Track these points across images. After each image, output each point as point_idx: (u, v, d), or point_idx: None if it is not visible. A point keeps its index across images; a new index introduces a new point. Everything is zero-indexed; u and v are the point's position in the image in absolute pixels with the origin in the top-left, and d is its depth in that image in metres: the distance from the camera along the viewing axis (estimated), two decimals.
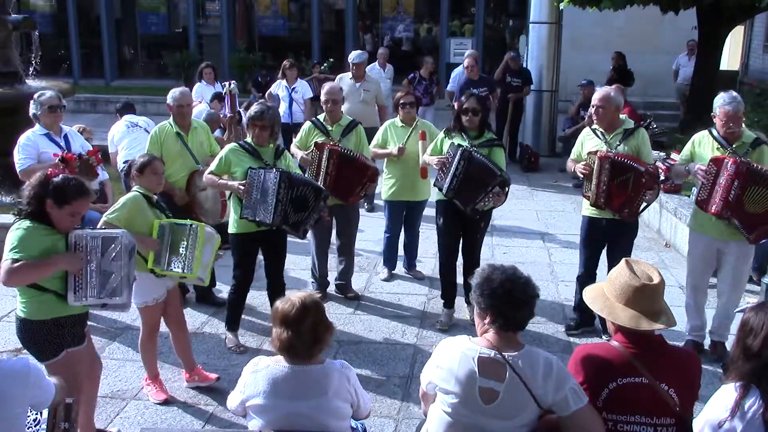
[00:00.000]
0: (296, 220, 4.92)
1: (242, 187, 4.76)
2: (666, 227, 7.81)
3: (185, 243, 4.18)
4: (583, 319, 5.41)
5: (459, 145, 5.18)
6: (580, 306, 5.33)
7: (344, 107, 6.86)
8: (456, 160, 5.09)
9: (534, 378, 2.64)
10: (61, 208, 3.41)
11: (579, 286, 5.34)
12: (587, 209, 5.28)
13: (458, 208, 5.25)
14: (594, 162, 5.01)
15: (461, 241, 5.54)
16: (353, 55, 8.62)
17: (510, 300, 2.69)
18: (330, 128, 5.77)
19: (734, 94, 4.87)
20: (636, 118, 9.89)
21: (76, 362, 3.62)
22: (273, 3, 18.51)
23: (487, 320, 2.74)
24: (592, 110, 5.18)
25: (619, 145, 5.04)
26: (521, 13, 16.73)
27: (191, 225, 4.24)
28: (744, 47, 17.52)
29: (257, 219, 4.82)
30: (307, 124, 5.94)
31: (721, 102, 4.83)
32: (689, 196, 7.82)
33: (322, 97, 5.86)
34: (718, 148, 4.86)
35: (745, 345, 2.47)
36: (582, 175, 5.12)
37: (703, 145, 4.98)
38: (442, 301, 5.69)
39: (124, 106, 7.83)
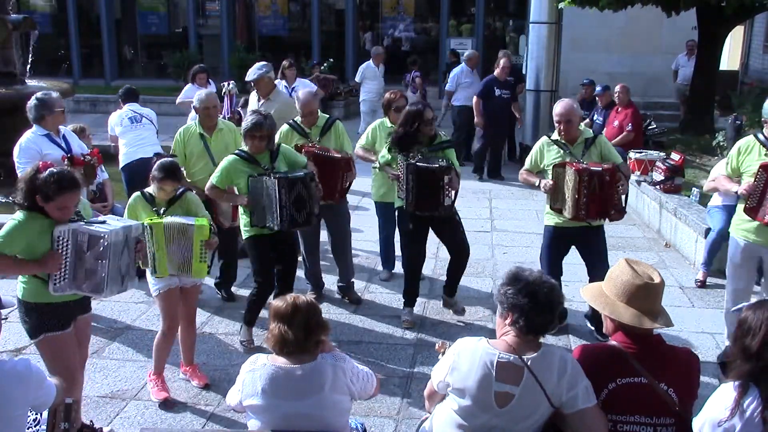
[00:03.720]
0: (303, 219, 4.92)
1: (245, 201, 4.84)
2: (666, 227, 7.81)
3: (148, 243, 4.14)
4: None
5: (404, 159, 5.20)
6: None
7: None
8: (404, 175, 5.15)
9: (549, 378, 2.64)
10: (47, 203, 3.48)
11: None
12: (551, 219, 5.22)
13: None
14: (563, 175, 4.92)
15: (445, 240, 5.56)
16: (249, 73, 6.93)
17: (533, 302, 2.68)
18: (308, 130, 5.76)
19: None
20: (638, 119, 9.92)
21: (57, 345, 3.71)
22: (273, 3, 18.53)
23: (508, 320, 2.74)
24: (556, 124, 5.09)
25: (583, 155, 5.01)
26: (521, 13, 16.75)
27: (145, 225, 4.15)
28: (744, 47, 17.53)
29: (267, 225, 4.86)
30: (285, 126, 5.83)
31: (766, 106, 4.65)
32: (689, 196, 7.83)
33: (298, 109, 5.83)
34: (766, 154, 4.59)
35: (744, 345, 2.46)
36: (546, 190, 5.05)
37: (750, 152, 4.70)
38: (404, 299, 5.67)
39: (127, 94, 7.57)
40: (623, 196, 5.01)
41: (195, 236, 4.22)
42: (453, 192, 5.21)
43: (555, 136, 5.18)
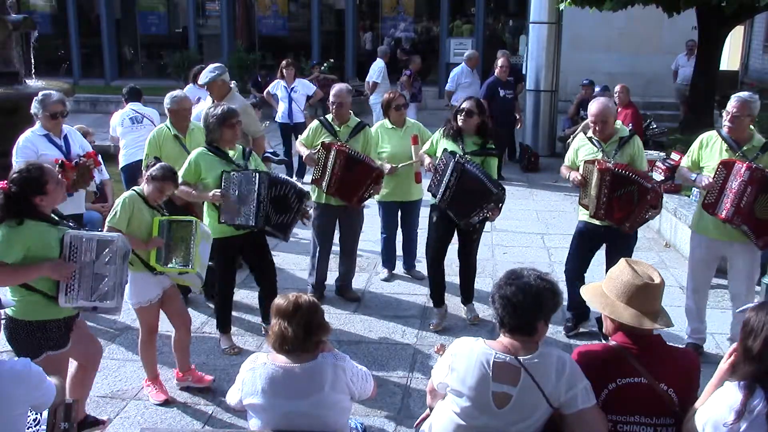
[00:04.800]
0: (279, 222, 4.88)
1: (218, 194, 4.70)
2: (666, 227, 7.81)
3: (185, 239, 4.21)
4: (579, 318, 5.42)
5: (452, 154, 5.12)
6: (573, 305, 5.34)
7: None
8: (449, 171, 5.04)
9: (547, 379, 2.64)
10: (45, 195, 3.45)
11: (569, 286, 5.28)
12: (584, 215, 5.22)
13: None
14: (592, 172, 4.93)
15: (458, 244, 5.55)
16: (201, 76, 6.55)
17: (512, 302, 2.68)
18: (338, 129, 5.71)
19: (745, 94, 4.72)
20: (638, 119, 9.93)
21: (57, 365, 3.58)
22: (273, 3, 18.51)
23: (496, 319, 2.76)
24: (591, 124, 5.07)
25: (615, 153, 4.99)
26: (521, 13, 16.75)
27: (190, 221, 4.28)
28: (744, 47, 17.52)
29: (237, 223, 4.77)
30: (315, 122, 5.86)
31: (730, 100, 4.71)
32: (689, 196, 7.83)
33: (330, 99, 5.79)
34: (727, 150, 4.72)
35: (746, 346, 2.45)
36: (577, 185, 5.07)
37: (711, 146, 4.83)
38: (432, 301, 5.67)
39: (131, 93, 7.54)
40: (645, 218, 4.99)
41: (207, 243, 4.43)
42: (486, 217, 5.19)
43: (591, 133, 5.17)
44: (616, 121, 5.19)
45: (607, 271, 5.14)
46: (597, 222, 5.10)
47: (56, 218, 3.59)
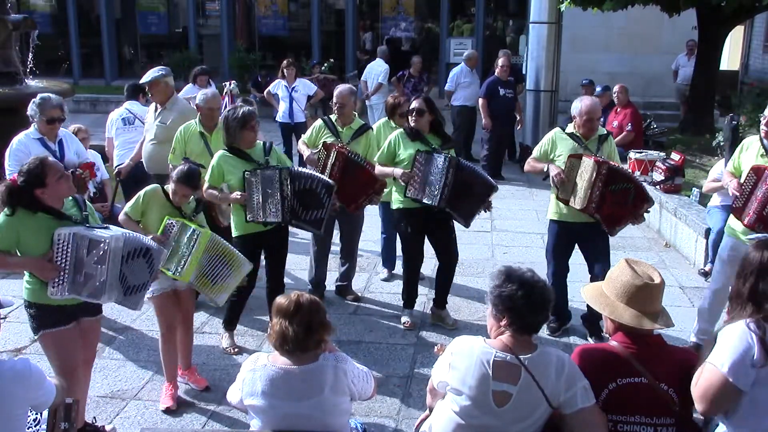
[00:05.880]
0: (312, 217, 4.88)
1: (239, 196, 4.73)
2: (666, 227, 7.81)
3: (185, 246, 4.19)
4: (563, 320, 5.43)
5: (427, 152, 5.10)
6: (555, 308, 5.33)
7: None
8: (441, 168, 5.01)
9: (547, 378, 2.64)
10: (46, 186, 3.52)
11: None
12: (557, 213, 5.17)
13: (422, 213, 5.25)
14: (579, 165, 4.89)
15: (437, 244, 5.53)
16: (146, 74, 6.29)
17: (527, 303, 2.68)
18: (341, 130, 5.71)
19: None
20: (638, 119, 9.92)
21: (56, 341, 3.72)
22: (273, 3, 18.52)
23: (503, 322, 2.74)
24: (580, 120, 5.05)
25: (597, 151, 5.01)
26: (521, 13, 16.76)
27: (194, 230, 4.23)
28: (744, 47, 17.52)
29: (266, 220, 4.78)
30: (318, 122, 5.87)
31: None
32: (689, 196, 7.84)
33: (333, 100, 5.80)
34: (762, 155, 4.60)
35: (738, 286, 2.51)
36: (556, 180, 4.98)
37: (750, 149, 4.74)
38: (403, 301, 5.67)
39: (128, 91, 7.47)
40: (629, 222, 4.99)
41: (234, 271, 4.37)
42: (484, 210, 5.26)
43: (570, 129, 5.16)
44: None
45: (590, 271, 5.21)
46: (571, 219, 5.08)
47: (63, 212, 3.61)
